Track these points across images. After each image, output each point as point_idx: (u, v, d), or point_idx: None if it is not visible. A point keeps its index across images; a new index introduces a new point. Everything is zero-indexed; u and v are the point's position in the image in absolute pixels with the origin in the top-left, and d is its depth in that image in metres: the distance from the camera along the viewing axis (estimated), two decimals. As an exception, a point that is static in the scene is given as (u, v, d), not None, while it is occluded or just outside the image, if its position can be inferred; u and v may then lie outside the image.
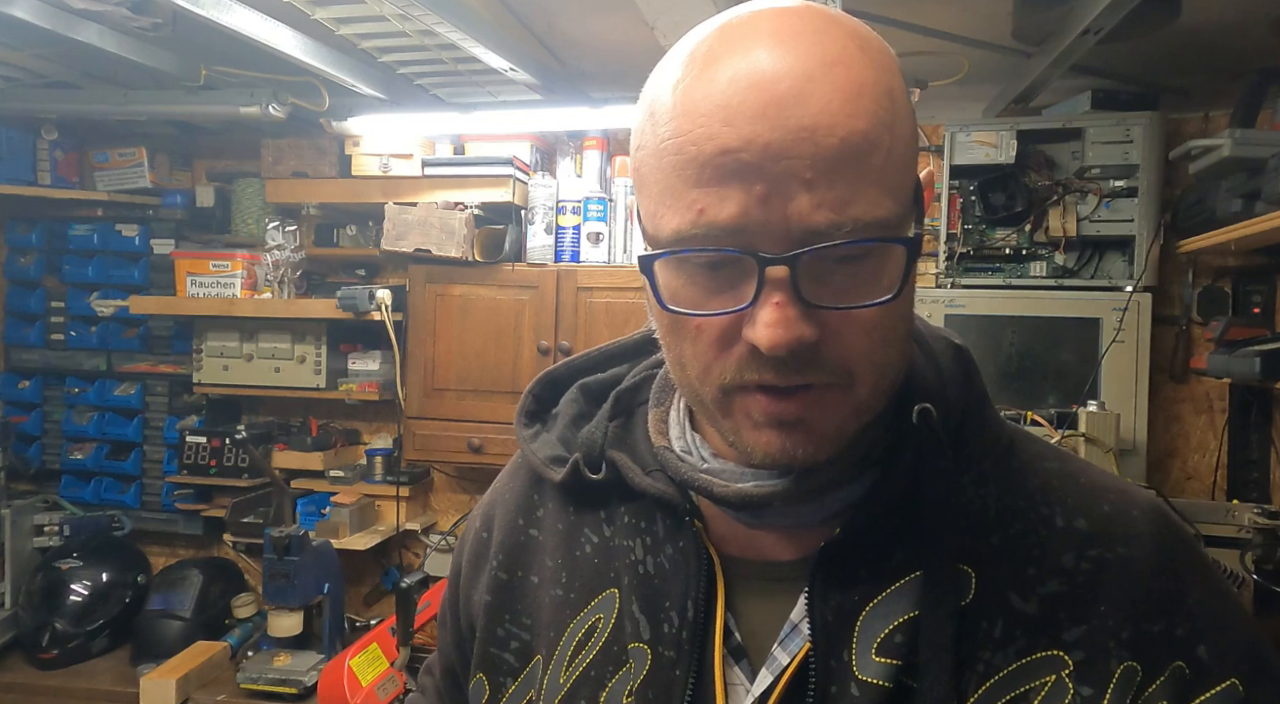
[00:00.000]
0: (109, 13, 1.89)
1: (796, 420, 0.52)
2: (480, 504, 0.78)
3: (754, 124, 0.47)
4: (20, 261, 2.99)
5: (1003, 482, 0.60)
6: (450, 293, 2.49)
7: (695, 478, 0.59)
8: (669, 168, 0.50)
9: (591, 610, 0.63)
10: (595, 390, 0.72)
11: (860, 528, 0.57)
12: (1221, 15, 1.82)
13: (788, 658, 0.57)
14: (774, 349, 0.49)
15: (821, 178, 0.47)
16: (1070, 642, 0.55)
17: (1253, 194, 1.85)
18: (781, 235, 0.48)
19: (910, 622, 0.55)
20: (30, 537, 2.76)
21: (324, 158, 2.62)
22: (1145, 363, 2.13)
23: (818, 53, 0.48)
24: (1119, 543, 0.58)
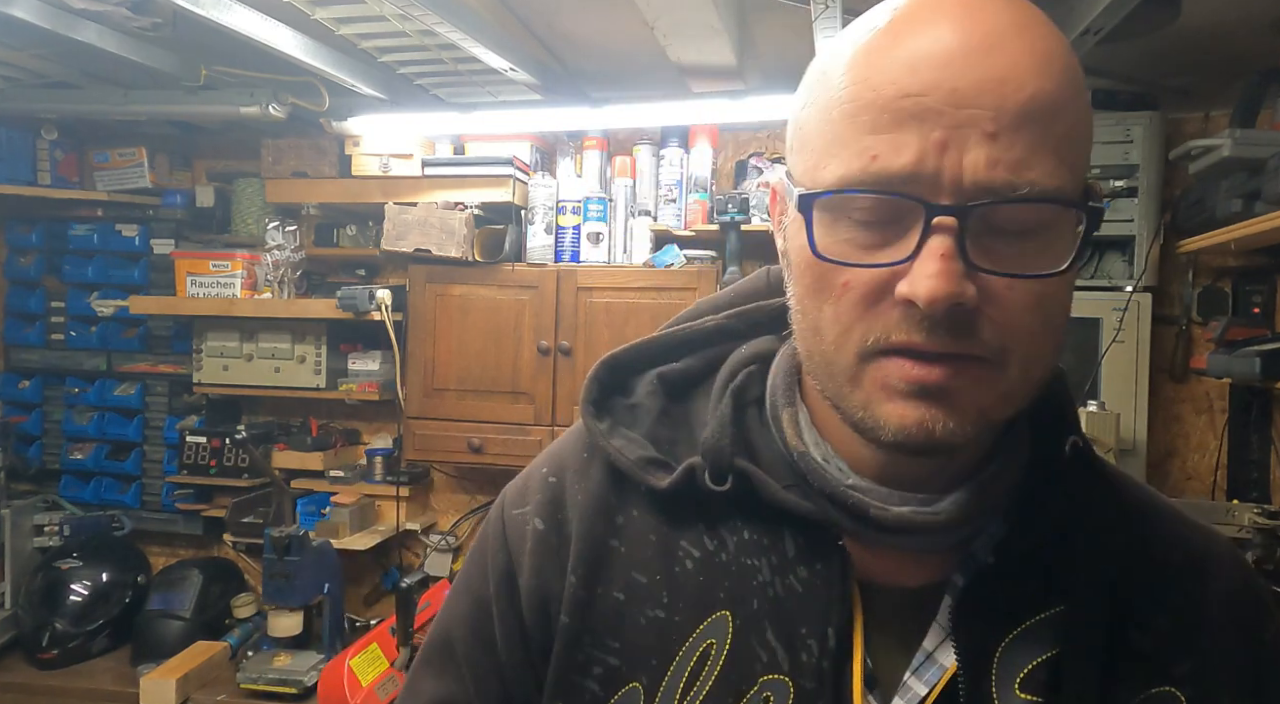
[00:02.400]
0: (109, 13, 1.89)
1: (939, 390, 0.48)
2: (524, 498, 0.66)
3: (940, 71, 0.46)
4: (20, 261, 2.99)
5: (1109, 515, 0.59)
6: (450, 293, 2.49)
7: (845, 494, 0.55)
8: (839, 117, 0.48)
9: (701, 635, 0.57)
10: (676, 382, 0.65)
11: (1009, 557, 0.55)
12: (1221, 15, 1.82)
13: (925, 688, 0.54)
14: (932, 302, 0.45)
15: (1004, 132, 0.45)
16: (1179, 677, 0.55)
17: (1253, 194, 1.85)
18: (954, 188, 0.46)
19: (1053, 659, 0.53)
20: (30, 537, 2.76)
21: (324, 158, 2.62)
22: (1145, 363, 2.13)
23: (1011, 16, 0.48)
24: (1212, 578, 0.58)
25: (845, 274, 0.49)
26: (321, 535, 2.48)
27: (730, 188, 2.64)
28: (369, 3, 1.70)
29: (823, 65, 0.52)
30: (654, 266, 2.43)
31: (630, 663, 0.58)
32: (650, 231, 2.48)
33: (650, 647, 0.58)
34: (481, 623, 0.65)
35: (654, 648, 0.58)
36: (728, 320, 0.67)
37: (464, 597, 0.67)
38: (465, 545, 2.79)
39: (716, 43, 1.88)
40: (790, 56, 2.20)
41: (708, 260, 2.49)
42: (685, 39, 1.87)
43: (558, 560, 0.62)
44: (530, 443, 2.41)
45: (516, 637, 0.63)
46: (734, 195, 2.46)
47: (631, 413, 0.64)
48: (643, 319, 2.38)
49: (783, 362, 0.63)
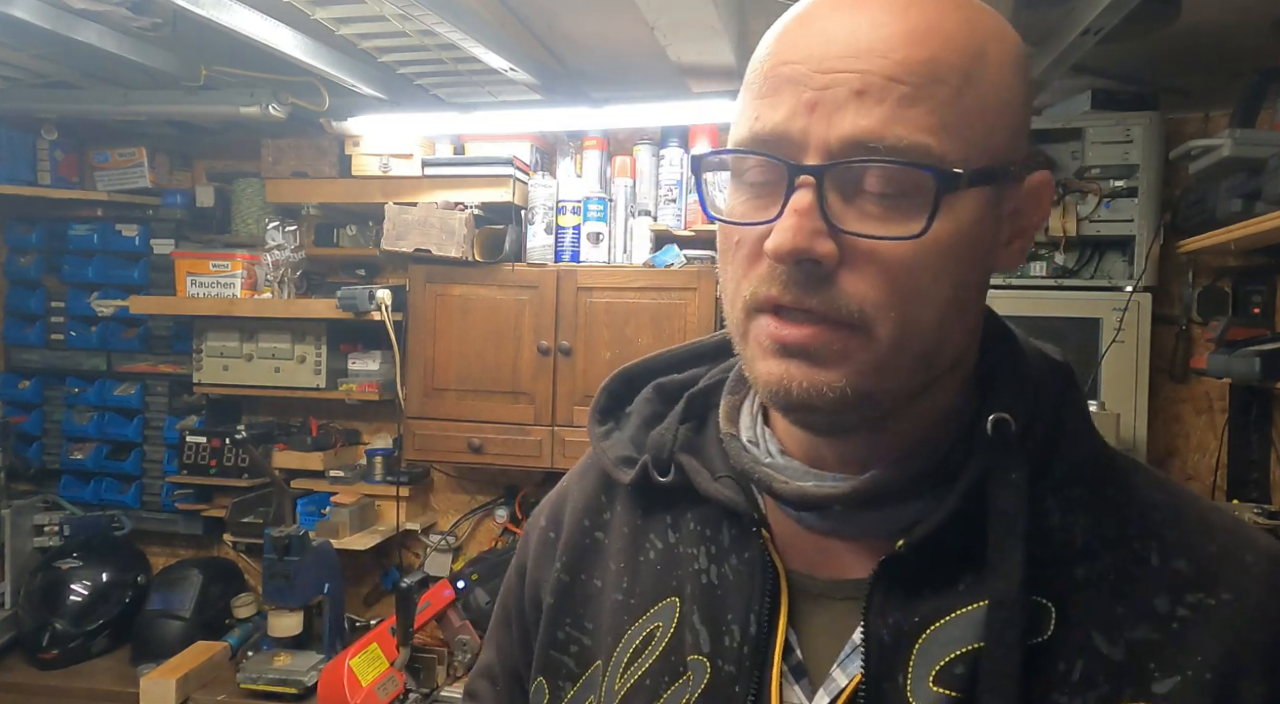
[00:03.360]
0: (109, 13, 1.89)
1: (799, 350, 0.49)
2: (547, 502, 0.74)
3: (816, 39, 0.49)
4: (20, 261, 2.99)
5: (1096, 510, 0.54)
6: (450, 293, 2.49)
7: (756, 470, 0.57)
8: (744, 89, 0.53)
9: (651, 618, 0.61)
10: (671, 391, 0.69)
11: (925, 544, 0.52)
12: (1221, 15, 1.82)
13: (845, 679, 0.54)
14: (779, 254, 0.47)
15: (872, 91, 0.47)
16: (1161, 695, 0.49)
17: (1253, 194, 1.85)
18: (819, 146, 0.48)
19: (974, 653, 0.50)
20: (30, 537, 2.76)
21: (324, 158, 2.62)
22: (1145, 363, 2.13)
23: None
24: (1223, 588, 0.51)
25: (736, 234, 0.52)
26: (321, 535, 2.48)
27: (730, 188, 2.64)
28: (369, 3, 1.70)
29: None
30: (654, 266, 2.43)
31: (597, 643, 0.64)
32: (650, 231, 2.48)
33: (609, 628, 0.63)
34: (505, 606, 0.76)
35: (611, 629, 0.62)
36: None
37: (503, 584, 0.78)
38: (465, 545, 2.79)
39: (716, 43, 1.88)
40: (790, 56, 2.20)
41: (708, 260, 2.49)
42: (685, 39, 1.87)
43: (551, 552, 0.70)
44: (530, 443, 2.41)
45: (520, 618, 0.73)
46: (734, 195, 2.46)
47: (627, 419, 0.70)
48: (643, 319, 2.38)
49: None
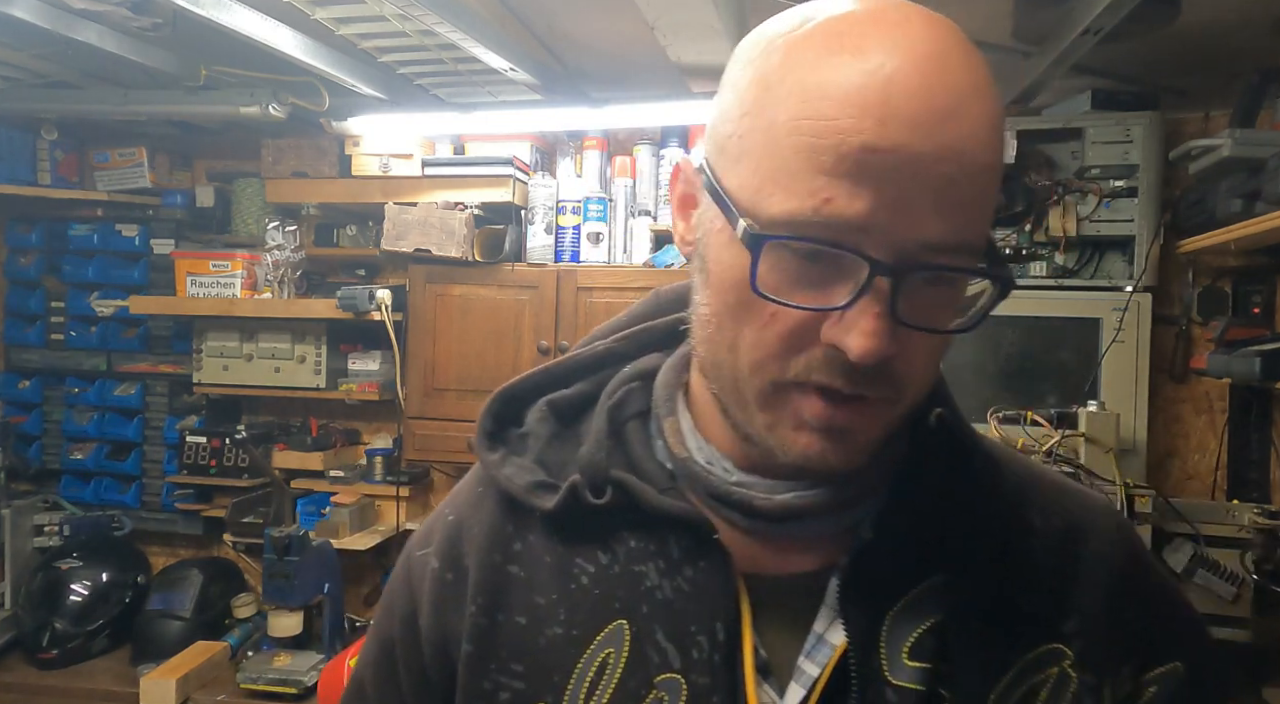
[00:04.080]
0: (109, 13, 1.89)
1: (844, 429, 0.51)
2: (430, 541, 0.68)
3: (907, 131, 0.46)
4: (20, 261, 2.99)
5: (990, 485, 0.61)
6: (450, 293, 2.49)
7: (730, 491, 0.58)
8: (793, 148, 0.47)
9: (599, 645, 0.59)
10: (565, 408, 0.67)
11: (889, 532, 0.57)
12: (1221, 15, 1.82)
13: (817, 669, 0.55)
14: (864, 359, 0.47)
15: (953, 199, 0.47)
16: (1067, 633, 0.58)
17: (1253, 194, 1.85)
18: (897, 246, 0.47)
19: (937, 625, 0.55)
20: (30, 537, 2.76)
21: (324, 158, 2.62)
22: (1145, 363, 2.13)
23: (969, 79, 0.48)
24: (1091, 539, 0.61)
25: (775, 307, 0.50)
26: (321, 535, 2.48)
27: (730, 188, 2.64)
28: (369, 3, 1.70)
29: (769, 73, 0.50)
30: (654, 266, 2.43)
31: (535, 683, 0.60)
32: (650, 231, 2.48)
33: (552, 665, 0.59)
34: (387, 664, 0.67)
35: (555, 665, 0.59)
36: (616, 343, 0.69)
37: (373, 639, 0.70)
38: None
39: (716, 43, 1.88)
40: (790, 56, 2.20)
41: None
42: (685, 39, 1.87)
43: (456, 596, 0.64)
44: (530, 443, 2.41)
45: (419, 677, 0.65)
46: (734, 195, 2.46)
47: (523, 441, 0.66)
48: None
49: (667, 374, 0.65)
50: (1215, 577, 1.89)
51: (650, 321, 0.70)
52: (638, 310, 0.72)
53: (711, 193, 0.53)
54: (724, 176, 0.52)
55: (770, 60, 0.50)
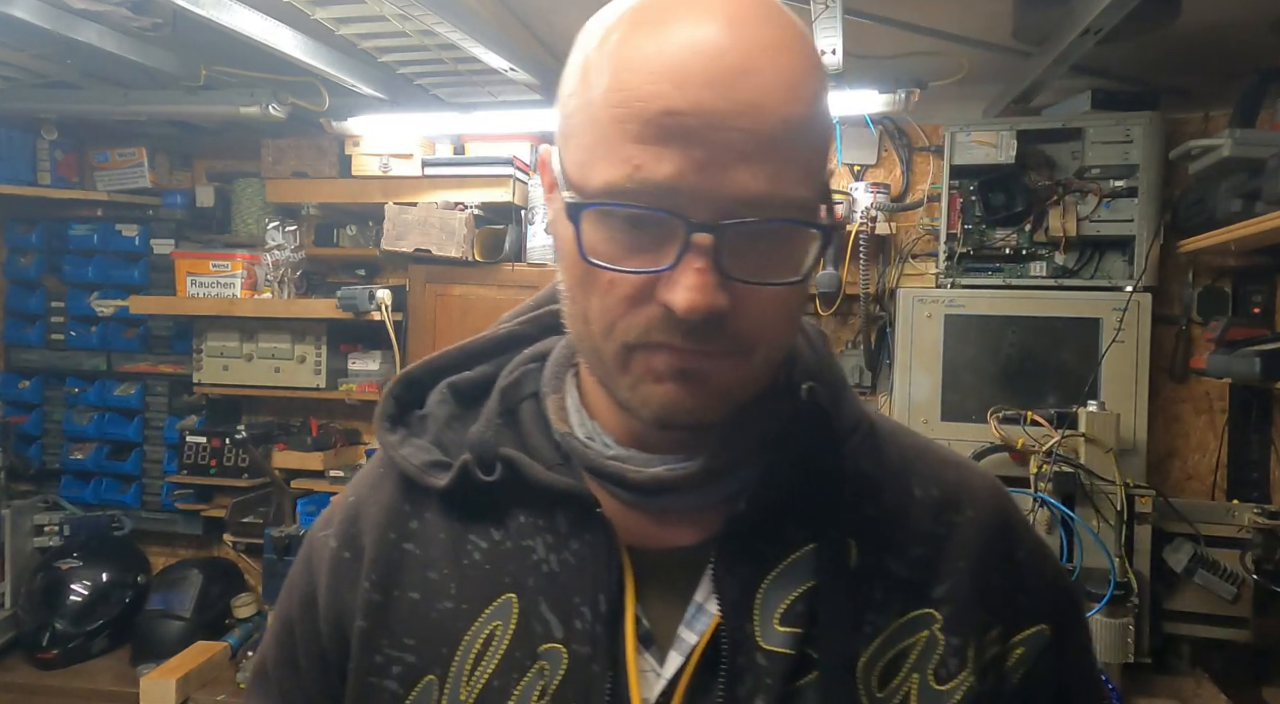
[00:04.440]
0: (109, 13, 1.89)
1: (695, 373, 0.53)
2: (330, 521, 0.69)
3: (702, 91, 0.48)
4: (20, 261, 2.98)
5: (869, 456, 0.64)
6: (450, 293, 2.49)
7: (605, 464, 0.60)
8: (607, 120, 0.50)
9: (487, 619, 0.60)
10: (466, 390, 0.69)
11: (762, 504, 0.59)
12: (1221, 15, 1.82)
13: (695, 637, 0.58)
14: (690, 313, 0.49)
15: (758, 153, 0.49)
16: (937, 598, 0.60)
17: (1253, 194, 1.85)
18: (712, 203, 0.49)
19: (809, 591, 0.58)
20: (30, 537, 2.76)
21: (324, 158, 2.62)
22: (1145, 363, 2.13)
23: (766, 35, 0.50)
24: (967, 507, 0.64)
25: (612, 273, 0.52)
26: (321, 535, 2.48)
27: (730, 188, 2.64)
28: (369, 3, 1.70)
29: (584, 57, 0.54)
30: (654, 266, 2.43)
31: (425, 657, 0.61)
32: (650, 231, 2.48)
33: (441, 638, 0.61)
34: (287, 644, 0.68)
35: (444, 638, 0.61)
36: (519, 326, 0.72)
37: (275, 621, 0.71)
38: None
39: (716, 43, 1.88)
40: (790, 56, 2.20)
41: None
42: (685, 39, 1.87)
43: (352, 574, 0.65)
44: (530, 443, 2.41)
45: (316, 656, 0.66)
46: (734, 195, 2.46)
47: (422, 423, 0.67)
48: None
49: (558, 353, 0.68)
50: (1215, 577, 1.89)
51: (554, 304, 0.71)
52: (543, 294, 0.73)
53: (555, 175, 0.56)
54: (563, 157, 0.55)
55: (590, 43, 0.54)
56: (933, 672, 0.59)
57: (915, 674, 0.59)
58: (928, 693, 0.58)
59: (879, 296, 2.53)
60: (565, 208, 0.52)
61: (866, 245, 2.41)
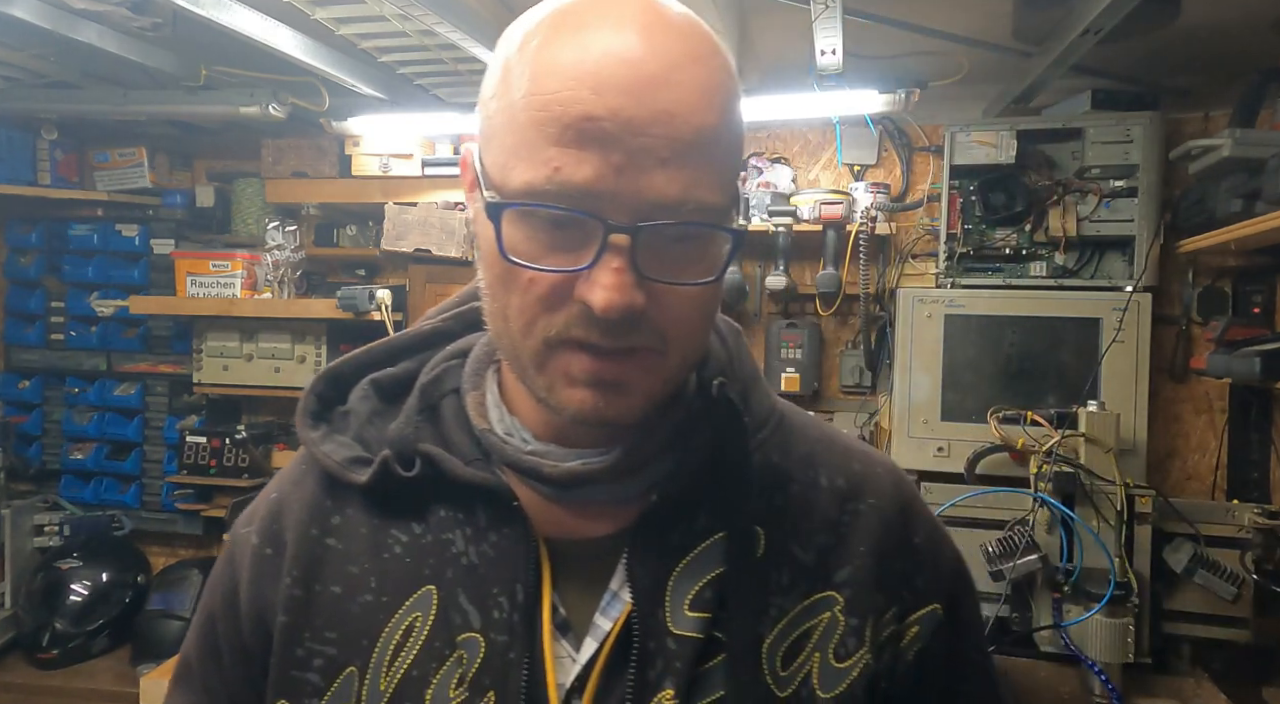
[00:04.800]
0: (109, 13, 1.89)
1: (615, 381, 0.55)
2: (252, 517, 0.70)
3: (620, 97, 0.50)
4: (20, 261, 2.99)
5: (779, 448, 0.67)
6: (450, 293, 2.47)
7: (522, 459, 0.61)
8: (528, 123, 0.52)
9: (407, 610, 0.62)
10: (388, 386, 0.69)
11: (673, 495, 0.61)
12: (1221, 15, 1.82)
13: (609, 624, 0.60)
14: (608, 311, 0.51)
15: (674, 159, 0.51)
16: (839, 582, 0.64)
17: (1253, 194, 1.85)
18: (629, 206, 0.51)
19: (717, 578, 0.60)
20: (30, 537, 2.76)
21: (324, 158, 2.62)
22: (1145, 363, 2.13)
23: (681, 46, 0.53)
24: (869, 496, 0.67)
25: (530, 271, 0.54)
26: (321, 535, 2.48)
27: (730, 188, 2.64)
28: (369, 3, 1.70)
29: (505, 60, 0.55)
30: (654, 266, 2.43)
31: (346, 649, 0.62)
32: (650, 231, 2.48)
33: (362, 630, 0.62)
34: (210, 640, 0.69)
35: (365, 631, 0.62)
36: (442, 322, 0.73)
37: (199, 616, 0.72)
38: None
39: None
40: (790, 56, 2.20)
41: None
42: (685, 39, 1.87)
43: (273, 569, 0.65)
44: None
45: (238, 650, 0.67)
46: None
47: (345, 419, 0.68)
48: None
49: (479, 350, 0.69)
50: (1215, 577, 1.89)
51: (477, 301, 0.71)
52: (467, 291, 0.74)
53: (476, 175, 0.57)
54: (484, 158, 0.57)
55: (511, 47, 0.55)
56: (833, 650, 0.62)
57: (817, 653, 0.62)
58: (828, 670, 0.62)
59: (879, 296, 2.53)
60: (486, 207, 0.54)
61: (866, 245, 2.41)
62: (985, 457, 2.10)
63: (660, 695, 0.58)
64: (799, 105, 2.17)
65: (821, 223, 2.41)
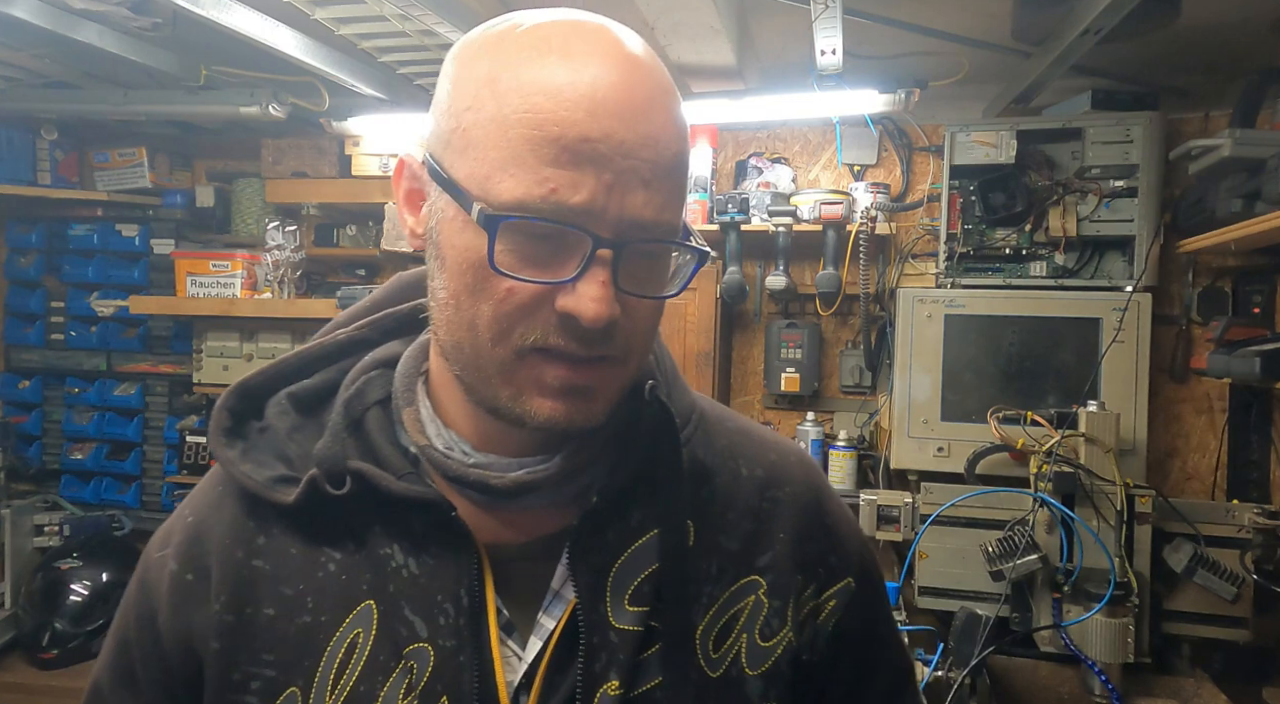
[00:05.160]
0: (109, 13, 1.89)
1: (585, 387, 0.58)
2: (167, 541, 0.68)
3: (613, 121, 0.54)
4: (20, 262, 2.99)
5: (702, 444, 0.70)
6: (450, 293, 2.49)
7: (468, 473, 0.63)
8: (519, 140, 0.54)
9: (348, 627, 0.62)
10: (306, 399, 0.68)
11: (612, 497, 0.64)
12: (1221, 15, 1.82)
13: (553, 622, 0.62)
14: (595, 322, 0.54)
15: (655, 181, 0.55)
16: (762, 567, 0.68)
17: (1253, 194, 1.85)
18: (613, 223, 0.54)
19: (654, 573, 0.64)
20: (30, 537, 2.76)
21: (324, 158, 2.62)
22: (1145, 363, 2.13)
23: (657, 79, 0.57)
24: (785, 484, 0.72)
25: (510, 282, 0.55)
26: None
27: (730, 188, 2.64)
28: (369, 3, 1.70)
29: (489, 71, 0.56)
30: (654, 266, 2.43)
31: (286, 670, 0.62)
32: (650, 231, 2.48)
33: (302, 651, 0.62)
34: (124, 665, 0.68)
35: (305, 651, 0.62)
36: (358, 331, 0.72)
37: (112, 641, 0.70)
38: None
39: (716, 43, 1.88)
40: (790, 56, 2.20)
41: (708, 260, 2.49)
42: (685, 39, 1.87)
43: (198, 595, 0.64)
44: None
45: (159, 674, 0.66)
46: (734, 195, 2.46)
47: (263, 435, 0.67)
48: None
49: (406, 363, 0.69)
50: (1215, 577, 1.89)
51: (394, 307, 0.74)
52: (380, 296, 0.75)
53: (442, 183, 0.58)
54: (452, 168, 0.57)
55: (487, 60, 0.57)
56: (759, 631, 0.67)
57: (744, 634, 0.66)
58: (754, 649, 0.66)
59: (879, 296, 2.53)
60: (479, 217, 0.55)
61: (866, 245, 2.41)
62: (985, 457, 2.10)
63: (606, 686, 0.61)
64: (799, 105, 2.17)
65: (821, 223, 2.41)
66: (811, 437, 2.49)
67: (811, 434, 2.49)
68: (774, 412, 2.70)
